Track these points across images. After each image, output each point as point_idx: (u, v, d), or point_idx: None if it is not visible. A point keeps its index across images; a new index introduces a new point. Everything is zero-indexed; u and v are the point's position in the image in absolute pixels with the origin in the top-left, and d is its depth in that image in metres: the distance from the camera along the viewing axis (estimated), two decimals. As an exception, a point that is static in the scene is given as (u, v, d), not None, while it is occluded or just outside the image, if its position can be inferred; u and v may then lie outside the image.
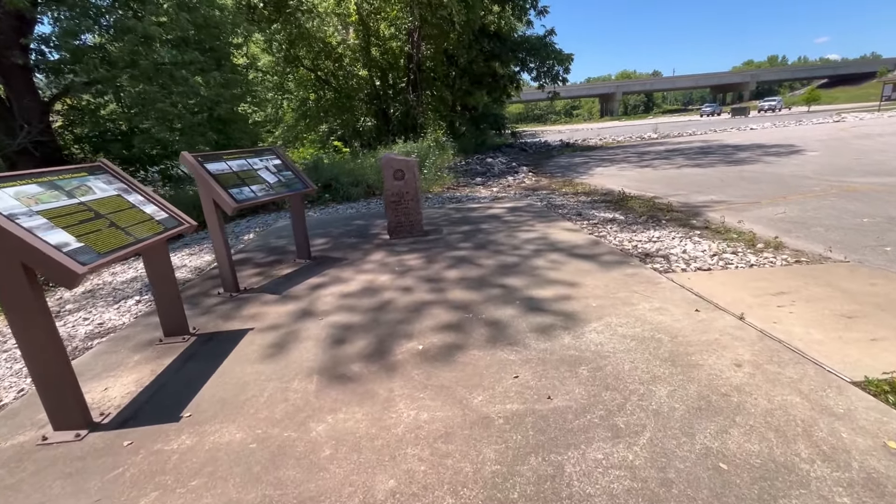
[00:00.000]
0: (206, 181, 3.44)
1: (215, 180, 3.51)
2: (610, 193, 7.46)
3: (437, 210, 6.81)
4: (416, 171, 5.07)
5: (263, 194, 3.80)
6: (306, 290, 3.72)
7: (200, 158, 3.59)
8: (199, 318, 3.29)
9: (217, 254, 3.70)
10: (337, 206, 8.25)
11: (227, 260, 3.68)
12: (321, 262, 4.51)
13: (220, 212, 3.55)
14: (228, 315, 3.31)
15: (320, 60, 17.15)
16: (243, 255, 5.11)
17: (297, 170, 4.31)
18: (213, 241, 3.67)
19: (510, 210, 6.37)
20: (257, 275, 4.27)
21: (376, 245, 5.00)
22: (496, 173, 11.39)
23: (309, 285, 3.83)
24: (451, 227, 5.60)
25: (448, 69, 19.80)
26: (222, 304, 3.55)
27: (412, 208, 5.13)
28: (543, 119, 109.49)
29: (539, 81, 20.12)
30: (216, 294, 3.77)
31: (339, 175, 9.01)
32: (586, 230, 5.06)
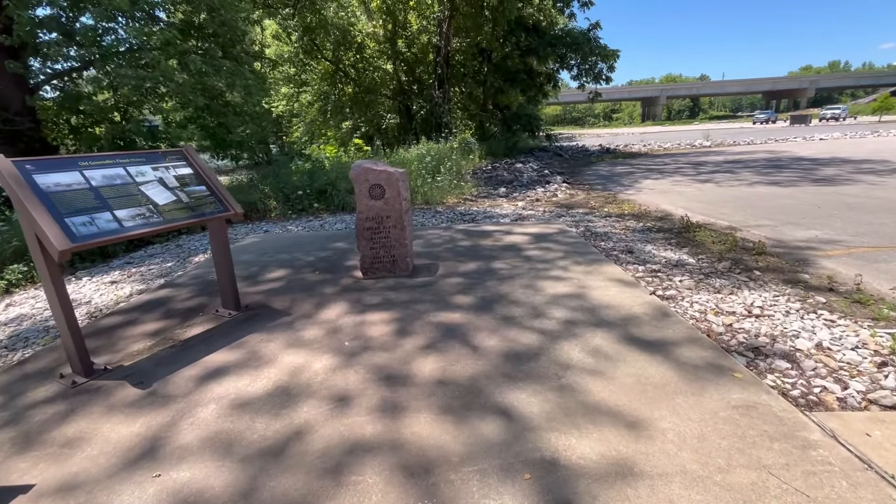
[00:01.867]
0: (25, 204, 2.10)
1: (46, 203, 2.16)
2: (667, 218, 5.77)
3: (442, 233, 5.33)
4: (403, 188, 3.61)
5: (140, 224, 2.43)
6: (194, 380, 2.33)
7: (31, 165, 2.25)
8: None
9: (57, 322, 2.36)
10: (327, 217, 6.90)
11: (69, 331, 2.33)
12: (250, 317, 3.11)
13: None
14: (26, 439, 1.94)
15: (341, 52, 15.96)
16: (160, 293, 3.79)
17: (216, 183, 2.93)
18: (48, 302, 2.32)
19: (536, 238, 4.82)
20: (149, 336, 2.91)
21: (341, 289, 3.58)
22: (524, 182, 9.79)
23: (204, 369, 2.43)
24: (452, 262, 4.11)
25: (479, 64, 18.28)
26: (46, 404, 2.20)
27: (395, 238, 3.68)
28: (581, 122, 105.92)
29: (579, 80, 18.29)
30: (58, 378, 2.43)
31: (337, 180, 7.68)
32: (644, 283, 3.46)
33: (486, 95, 19.10)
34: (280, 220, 6.97)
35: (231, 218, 2.92)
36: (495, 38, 17.05)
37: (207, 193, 2.86)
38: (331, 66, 16.22)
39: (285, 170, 8.42)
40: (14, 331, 3.34)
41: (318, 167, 9.27)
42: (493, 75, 18.30)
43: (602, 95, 21.65)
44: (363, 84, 16.86)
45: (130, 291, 4.01)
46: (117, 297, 3.87)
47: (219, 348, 2.65)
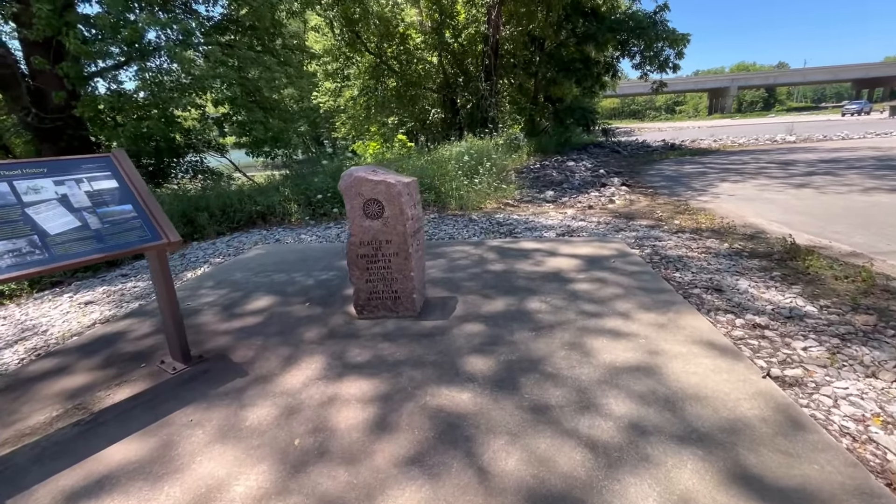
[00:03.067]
0: None
1: None
2: (760, 237, 4.50)
3: (472, 250, 4.41)
4: (408, 204, 2.74)
5: (11, 264, 1.73)
6: (59, 499, 1.59)
7: None
8: None
9: None
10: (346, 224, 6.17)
11: None
12: (196, 376, 2.37)
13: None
14: None
15: (384, 44, 15.32)
16: (121, 324, 3.16)
17: (149, 201, 2.19)
18: None
19: (587, 263, 3.79)
20: (65, 398, 2.24)
21: (327, 332, 2.77)
22: (576, 184, 8.61)
23: (87, 476, 1.70)
24: (475, 296, 3.20)
25: (531, 54, 17.03)
26: None
27: (398, 269, 2.81)
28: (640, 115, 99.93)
29: (642, 69, 16.57)
30: None
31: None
32: (748, 350, 2.37)
33: (538, 87, 17.81)
34: (298, 225, 6.34)
35: (162, 248, 2.17)
36: (549, 24, 15.72)
37: (133, 215, 2.13)
38: (374, 59, 15.63)
39: (313, 169, 7.82)
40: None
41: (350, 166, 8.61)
42: (545, 65, 16.99)
43: (667, 86, 19.64)
44: (407, 77, 16.15)
45: (97, 318, 3.45)
46: (79, 326, 3.31)
47: (131, 433, 1.92)
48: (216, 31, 10.52)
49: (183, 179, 10.53)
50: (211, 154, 11.74)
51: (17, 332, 3.28)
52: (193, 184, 10.24)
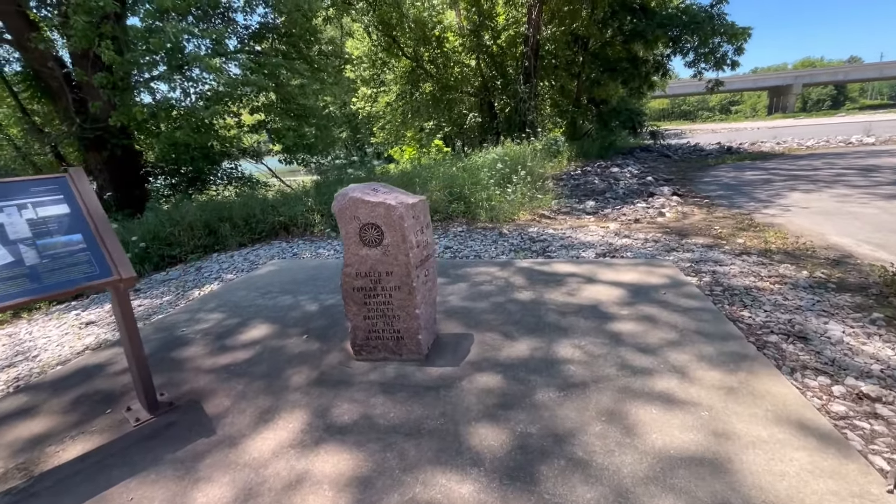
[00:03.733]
0: None
1: None
2: (847, 263, 3.72)
3: (498, 272, 3.91)
4: (413, 229, 2.30)
5: None
6: None
7: None
8: None
9: None
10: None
11: None
12: (157, 432, 2.04)
13: None
14: None
15: (420, 48, 15.07)
16: (105, 353, 2.91)
17: (103, 231, 1.88)
18: None
19: (632, 294, 3.20)
20: (13, 453, 1.96)
21: (317, 378, 2.38)
22: (620, 193, 7.89)
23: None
24: (494, 335, 2.71)
25: (573, 54, 16.25)
26: None
27: (400, 306, 2.38)
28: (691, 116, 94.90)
29: (695, 67, 15.39)
30: None
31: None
32: (856, 442, 1.76)
33: (580, 89, 16.97)
34: (319, 237, 6.08)
35: (120, 286, 1.85)
36: (594, 22, 14.92)
37: (81, 247, 1.82)
38: (410, 64, 15.42)
39: (337, 176, 7.59)
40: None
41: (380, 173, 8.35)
42: (589, 66, 16.15)
43: (724, 84, 18.21)
44: (443, 81, 15.82)
45: (90, 342, 3.24)
46: (70, 351, 3.11)
47: (58, 513, 1.59)
48: (253, 40, 10.62)
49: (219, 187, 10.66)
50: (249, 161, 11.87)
51: (10, 356, 3.13)
52: (229, 191, 10.34)
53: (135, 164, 9.45)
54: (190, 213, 6.11)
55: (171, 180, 10.68)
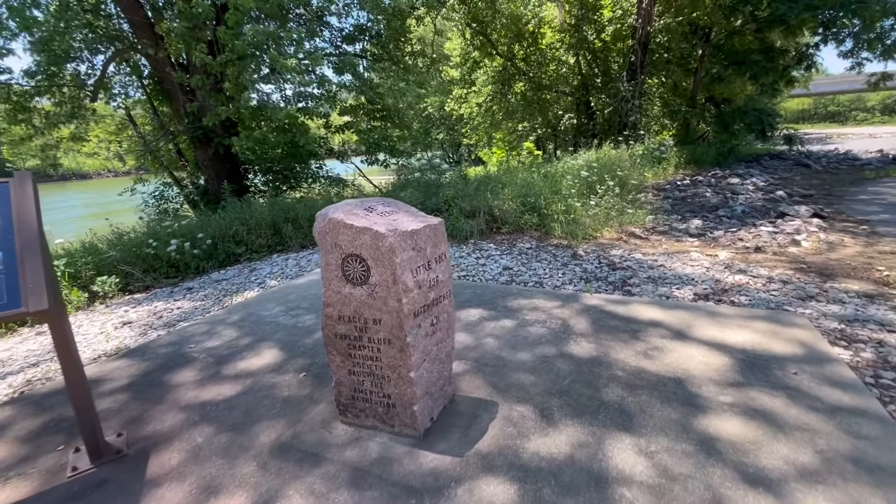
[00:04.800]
0: None
1: None
2: None
3: (556, 310, 3.13)
4: (413, 264, 1.70)
5: None
6: None
7: None
8: None
9: None
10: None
11: None
12: (82, 493, 1.69)
13: None
14: None
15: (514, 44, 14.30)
16: (109, 366, 2.72)
17: (30, 253, 1.55)
18: None
19: (743, 369, 2.24)
20: None
21: (285, 444, 1.89)
22: (738, 211, 6.43)
23: None
24: (523, 414, 1.99)
25: (691, 47, 14.27)
26: None
27: (391, 366, 1.79)
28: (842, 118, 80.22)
29: (855, 57, 12.55)
30: None
31: (456, 197, 6.05)
32: None
33: (697, 86, 14.85)
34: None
35: (28, 320, 1.52)
36: (719, 8, 12.86)
37: (-3, 268, 1.51)
38: (503, 62, 14.73)
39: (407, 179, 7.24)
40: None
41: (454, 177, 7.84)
42: (709, 59, 14.03)
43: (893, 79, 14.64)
44: (537, 80, 14.88)
45: (109, 349, 3.16)
46: (86, 357, 3.04)
47: None
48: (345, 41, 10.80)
49: (309, 186, 11.02)
50: (345, 161, 12.13)
51: (40, 355, 3.15)
52: (317, 190, 10.63)
53: (235, 160, 10.13)
54: (257, 212, 6.17)
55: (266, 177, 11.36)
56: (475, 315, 3.09)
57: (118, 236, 5.67)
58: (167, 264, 5.30)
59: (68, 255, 5.08)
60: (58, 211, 21.10)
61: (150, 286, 5.00)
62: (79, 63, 9.15)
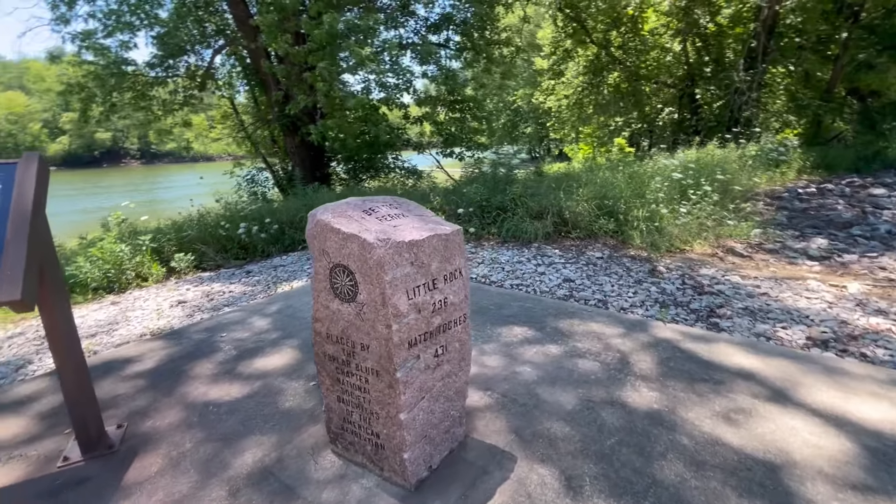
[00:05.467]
0: None
1: None
2: None
3: (615, 340, 2.60)
4: (410, 282, 1.36)
5: None
6: None
7: None
8: None
9: None
10: (485, 253, 4.94)
11: None
12: (63, 488, 1.62)
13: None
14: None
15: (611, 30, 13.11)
16: (147, 346, 2.74)
17: (17, 239, 1.49)
18: None
19: (873, 462, 1.59)
20: None
21: (265, 468, 1.68)
22: (880, 231, 5.13)
23: None
24: (545, 477, 1.58)
25: (833, 28, 11.99)
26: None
27: (379, 401, 1.48)
28: None
29: None
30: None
31: (523, 195, 5.58)
32: None
33: (837, 76, 12.48)
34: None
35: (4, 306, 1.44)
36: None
37: (-18, 251, 1.46)
38: (596, 51, 13.62)
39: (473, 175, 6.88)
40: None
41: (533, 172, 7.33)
42: (857, 43, 11.68)
43: None
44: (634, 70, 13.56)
45: (157, 327, 3.25)
46: (133, 333, 3.15)
47: None
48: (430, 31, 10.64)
49: (388, 176, 11.14)
50: (425, 153, 12.08)
51: (101, 326, 3.34)
52: (395, 181, 10.70)
53: (320, 148, 10.52)
54: (323, 200, 6.23)
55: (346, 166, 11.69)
56: (517, 335, 2.68)
57: (200, 216, 6.07)
58: (238, 245, 5.54)
59: (156, 231, 5.53)
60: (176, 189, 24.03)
61: (220, 265, 5.25)
62: (190, 55, 10.05)
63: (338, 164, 11.76)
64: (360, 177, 11.36)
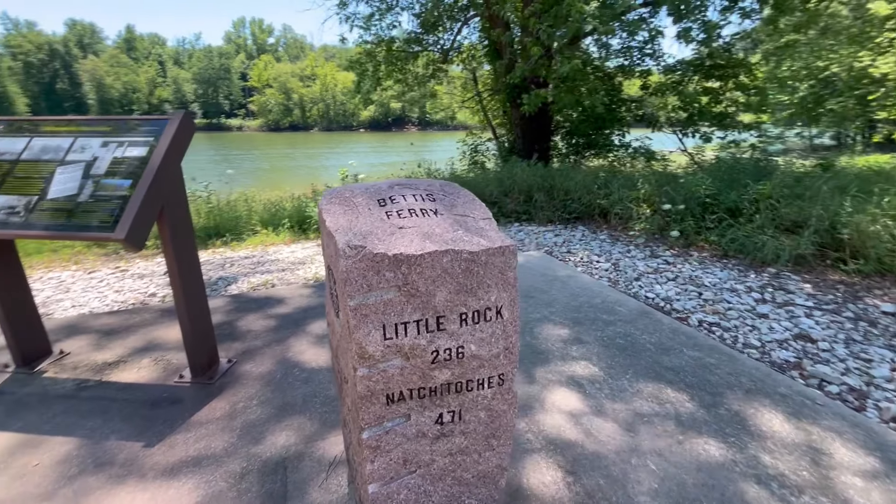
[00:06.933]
0: (-58, 168, 1.83)
1: (-49, 171, 1.82)
2: None
3: (854, 478, 1.46)
4: (398, 313, 0.92)
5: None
6: None
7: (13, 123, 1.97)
8: None
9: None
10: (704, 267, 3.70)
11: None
12: (173, 399, 1.86)
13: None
14: None
15: None
16: (280, 290, 3.02)
17: (149, 187, 1.66)
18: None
19: None
20: (84, 361, 2.31)
21: (295, 455, 1.56)
22: None
23: None
24: None
25: None
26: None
27: (355, 457, 1.11)
28: None
29: None
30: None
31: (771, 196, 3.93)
32: None
33: None
34: (629, 239, 4.46)
35: (117, 243, 1.66)
36: None
37: (119, 195, 1.70)
38: None
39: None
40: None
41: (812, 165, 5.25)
42: None
43: None
44: None
45: (313, 276, 3.61)
46: (269, 279, 3.57)
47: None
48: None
49: (617, 155, 9.91)
50: (667, 131, 10.26)
51: (294, 263, 3.94)
52: (621, 160, 9.46)
53: (545, 120, 10.10)
54: (518, 176, 5.88)
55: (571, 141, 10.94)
56: (666, 403, 1.83)
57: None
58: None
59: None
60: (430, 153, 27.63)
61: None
62: (441, 31, 10.90)
63: (561, 139, 11.13)
64: (584, 153, 10.46)
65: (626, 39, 8.11)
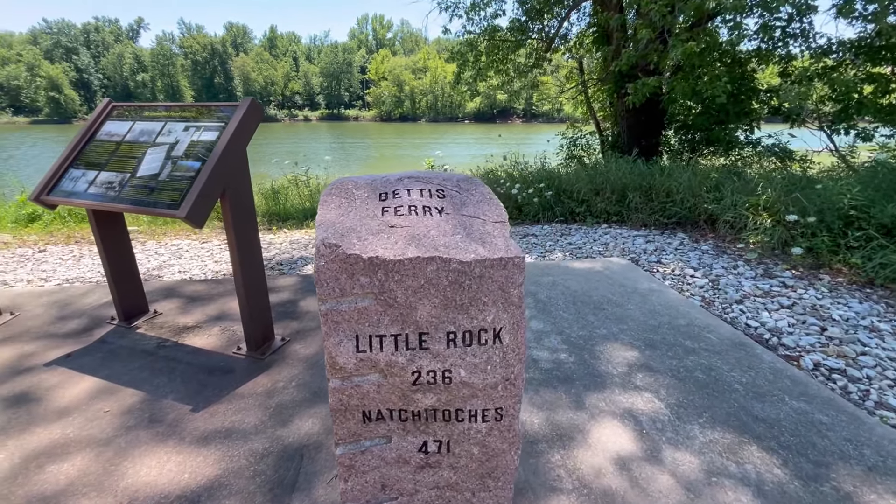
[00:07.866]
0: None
1: (72, 154, 2.12)
2: None
3: None
4: (372, 324, 0.82)
5: (92, 195, 1.96)
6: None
7: (124, 109, 2.25)
8: None
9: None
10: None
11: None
12: (227, 368, 2.00)
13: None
14: None
15: None
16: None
17: (213, 169, 1.76)
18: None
19: None
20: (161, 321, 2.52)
21: (304, 445, 1.56)
22: None
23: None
24: None
25: None
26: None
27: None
28: None
29: None
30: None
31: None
32: None
33: None
34: (738, 253, 3.80)
35: (171, 217, 1.78)
36: None
37: (190, 175, 1.83)
38: None
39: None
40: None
41: None
42: None
43: None
44: None
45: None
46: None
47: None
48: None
49: (742, 153, 8.64)
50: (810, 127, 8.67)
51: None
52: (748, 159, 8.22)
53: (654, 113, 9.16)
54: (611, 174, 5.38)
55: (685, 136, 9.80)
56: (738, 472, 1.48)
57: (485, 172, 6.44)
58: (514, 205, 5.60)
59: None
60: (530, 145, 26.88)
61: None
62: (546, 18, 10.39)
63: (674, 134, 9.99)
64: (702, 150, 9.27)
65: (766, 17, 6.91)
